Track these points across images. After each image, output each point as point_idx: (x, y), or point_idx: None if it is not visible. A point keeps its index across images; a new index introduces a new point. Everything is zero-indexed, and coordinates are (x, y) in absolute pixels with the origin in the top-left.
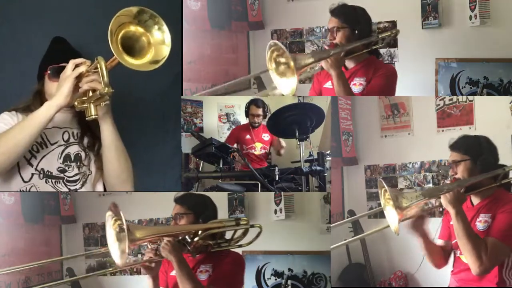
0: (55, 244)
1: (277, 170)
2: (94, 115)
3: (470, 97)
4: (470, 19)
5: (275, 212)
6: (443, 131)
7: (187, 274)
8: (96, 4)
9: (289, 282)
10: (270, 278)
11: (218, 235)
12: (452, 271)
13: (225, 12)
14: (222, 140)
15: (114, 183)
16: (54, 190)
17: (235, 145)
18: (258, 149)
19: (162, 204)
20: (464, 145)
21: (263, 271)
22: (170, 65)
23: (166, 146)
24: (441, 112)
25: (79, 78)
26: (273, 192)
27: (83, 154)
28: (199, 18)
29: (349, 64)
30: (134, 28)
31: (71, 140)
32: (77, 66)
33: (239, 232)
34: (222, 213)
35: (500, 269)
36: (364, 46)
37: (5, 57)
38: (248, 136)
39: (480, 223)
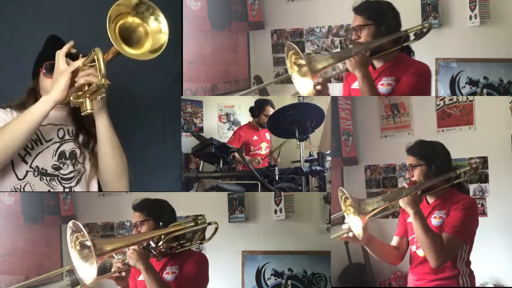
0: (55, 244)
1: (277, 170)
2: (90, 109)
3: (470, 97)
4: (470, 19)
5: (275, 212)
6: (443, 131)
7: (155, 279)
8: (96, 4)
9: (289, 282)
10: (270, 278)
11: (180, 236)
12: (410, 267)
13: (225, 12)
14: (222, 140)
15: (108, 179)
16: (49, 188)
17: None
18: (263, 148)
19: None
20: (420, 151)
21: (263, 271)
22: (170, 65)
23: (166, 146)
24: (441, 112)
25: (75, 72)
26: (273, 192)
27: (78, 152)
28: (199, 18)
29: (378, 63)
30: (131, 19)
31: (66, 137)
32: (69, 58)
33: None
34: (222, 213)
35: (455, 260)
36: (393, 43)
37: (5, 57)
38: (255, 137)
39: (435, 219)
